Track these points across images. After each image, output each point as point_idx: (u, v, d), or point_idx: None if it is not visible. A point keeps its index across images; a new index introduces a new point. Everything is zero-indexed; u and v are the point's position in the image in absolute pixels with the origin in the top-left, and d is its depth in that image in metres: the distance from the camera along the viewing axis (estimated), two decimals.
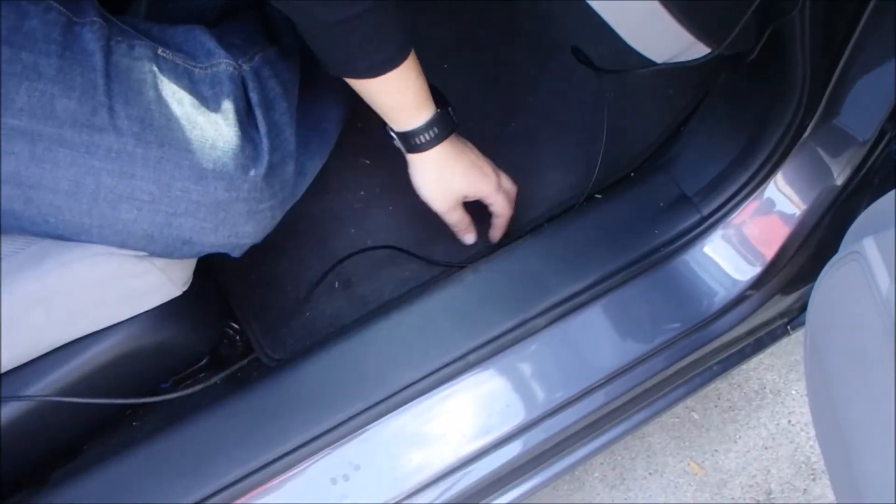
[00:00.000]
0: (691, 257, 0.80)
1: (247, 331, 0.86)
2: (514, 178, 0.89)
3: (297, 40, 0.83)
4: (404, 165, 0.93)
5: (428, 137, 0.77)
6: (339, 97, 0.88)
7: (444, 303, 0.77)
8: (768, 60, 0.73)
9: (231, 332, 0.86)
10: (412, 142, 0.77)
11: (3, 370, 0.69)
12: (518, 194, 0.90)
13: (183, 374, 0.83)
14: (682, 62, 0.72)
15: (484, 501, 0.85)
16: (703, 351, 0.82)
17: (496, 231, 0.85)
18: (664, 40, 0.67)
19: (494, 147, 0.93)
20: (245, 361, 0.82)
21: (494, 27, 1.00)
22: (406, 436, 0.75)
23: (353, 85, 0.73)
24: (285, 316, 0.87)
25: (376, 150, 0.94)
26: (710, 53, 0.69)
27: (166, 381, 0.82)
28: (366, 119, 0.95)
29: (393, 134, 0.79)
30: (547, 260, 0.79)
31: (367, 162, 0.93)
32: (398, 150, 0.87)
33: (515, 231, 0.89)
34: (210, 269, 0.84)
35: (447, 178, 0.79)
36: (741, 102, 0.81)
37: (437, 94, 0.79)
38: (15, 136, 0.61)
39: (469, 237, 0.86)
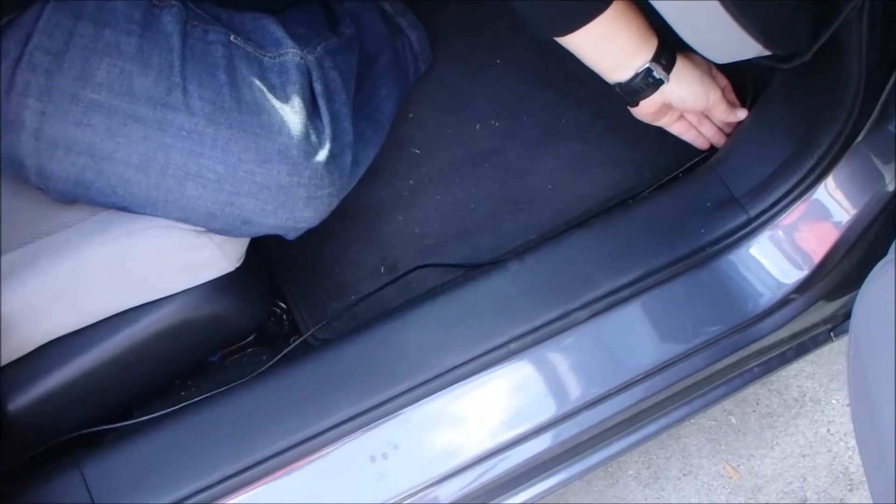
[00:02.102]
0: (737, 258, 0.81)
1: (294, 310, 0.89)
2: (562, 173, 0.91)
3: (356, 32, 0.85)
4: (453, 156, 0.95)
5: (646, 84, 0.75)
6: (392, 90, 0.90)
7: (488, 291, 0.78)
8: (824, 62, 0.73)
9: (278, 311, 0.89)
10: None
11: (65, 333, 0.72)
12: (565, 189, 0.91)
13: (231, 349, 0.86)
14: (737, 62, 0.72)
15: (517, 490, 0.87)
16: (744, 352, 0.83)
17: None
18: (722, 40, 0.68)
19: (544, 141, 0.94)
20: (301, 338, 0.84)
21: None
22: (445, 419, 0.76)
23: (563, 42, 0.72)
24: (331, 298, 0.89)
25: (426, 140, 0.96)
26: (765, 54, 0.69)
27: (215, 354, 0.85)
28: (417, 109, 0.97)
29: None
30: (592, 254, 0.80)
31: (417, 152, 0.95)
32: (447, 139, 0.89)
33: (562, 225, 0.90)
34: (261, 249, 0.87)
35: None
36: (794, 104, 0.81)
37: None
38: (93, 110, 0.65)
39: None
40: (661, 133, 0.86)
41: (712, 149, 0.88)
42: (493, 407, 0.77)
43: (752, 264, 0.81)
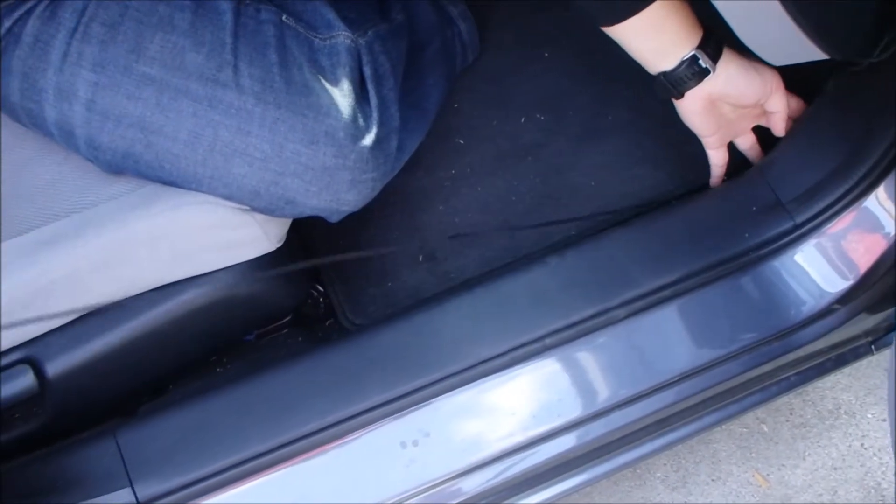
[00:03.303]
0: (780, 264, 0.79)
1: (330, 294, 0.89)
2: (605, 170, 0.90)
3: (406, 19, 0.85)
4: (496, 148, 0.94)
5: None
6: (439, 79, 0.90)
7: (526, 284, 0.78)
8: (880, 69, 0.72)
9: (315, 293, 0.89)
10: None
11: (105, 304, 0.73)
12: (608, 186, 0.90)
13: (267, 329, 0.87)
14: (792, 65, 0.71)
15: (543, 486, 0.86)
16: (782, 360, 0.81)
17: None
18: (781, 42, 0.66)
19: (589, 137, 0.94)
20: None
21: None
22: (476, 410, 0.76)
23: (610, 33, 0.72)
24: (368, 284, 0.89)
25: (470, 131, 0.95)
26: (824, 58, 0.68)
27: (251, 333, 0.86)
28: (462, 100, 0.96)
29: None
30: (633, 252, 0.79)
31: (461, 142, 0.95)
32: (491, 131, 0.89)
33: (602, 223, 0.89)
34: (301, 231, 0.87)
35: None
36: (848, 111, 0.79)
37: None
38: (144, 83, 0.65)
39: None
40: None
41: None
42: (524, 401, 0.77)
43: (796, 272, 0.79)
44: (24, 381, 0.72)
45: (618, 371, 0.77)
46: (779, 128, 0.80)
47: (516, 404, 0.77)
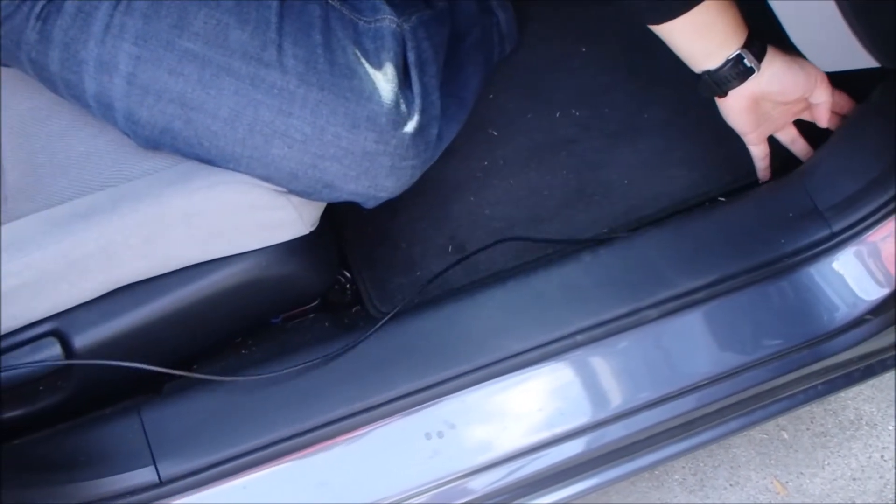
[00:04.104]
0: (815, 272, 0.78)
1: (358, 281, 0.88)
2: (639, 169, 0.89)
3: (448, 6, 0.84)
4: (530, 142, 0.93)
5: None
6: (478, 68, 0.89)
7: (559, 280, 0.77)
8: None
9: (343, 279, 0.88)
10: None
11: (136, 280, 0.73)
12: (641, 186, 0.89)
13: (293, 313, 0.86)
14: (841, 71, 0.70)
15: (563, 484, 0.86)
16: (811, 369, 0.81)
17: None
18: (832, 48, 0.65)
19: (624, 135, 0.93)
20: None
21: None
22: (503, 404, 0.76)
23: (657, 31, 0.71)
24: (396, 271, 0.89)
25: (504, 123, 0.94)
26: (874, 66, 0.67)
27: (277, 316, 0.85)
28: (498, 91, 0.96)
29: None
30: (667, 253, 0.78)
31: (495, 133, 0.94)
32: (526, 124, 0.88)
33: (634, 222, 0.88)
34: (332, 216, 0.87)
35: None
36: (891, 120, 0.78)
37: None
38: (187, 59, 0.65)
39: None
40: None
41: (794, 158, 0.86)
42: (551, 398, 0.76)
43: (830, 280, 0.79)
44: (51, 353, 0.71)
45: (646, 372, 0.76)
46: (823, 119, 0.79)
47: (543, 401, 0.76)
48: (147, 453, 0.72)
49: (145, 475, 0.71)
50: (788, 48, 0.69)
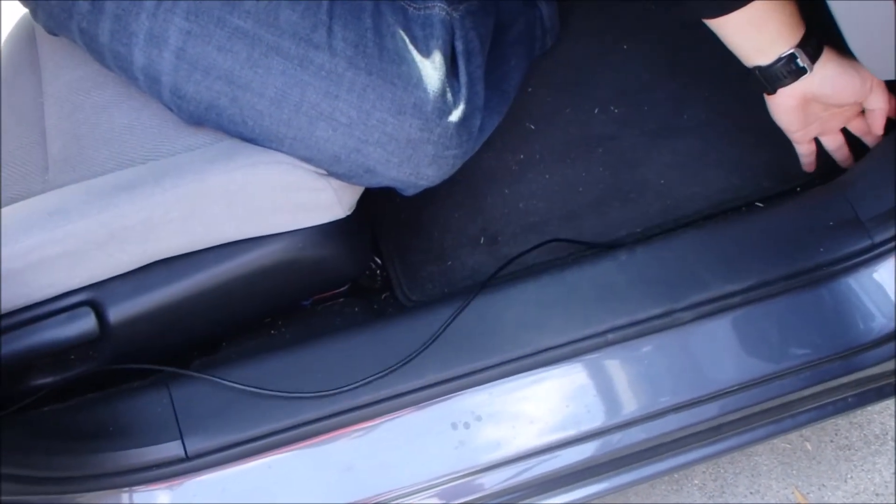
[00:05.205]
0: (854, 282, 0.78)
1: (388, 267, 0.88)
2: (676, 169, 0.88)
3: None
4: (567, 137, 0.93)
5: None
6: (520, 61, 0.88)
7: (593, 277, 0.77)
8: None
9: (374, 265, 0.88)
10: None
11: (173, 255, 0.73)
12: (678, 186, 0.89)
13: (324, 296, 0.86)
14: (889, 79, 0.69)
15: (583, 482, 0.85)
16: (844, 379, 0.80)
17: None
18: (891, 56, 0.64)
19: (662, 135, 0.92)
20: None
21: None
22: (531, 399, 0.75)
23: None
24: (427, 260, 0.88)
25: (542, 116, 0.94)
26: None
27: (308, 298, 0.85)
28: (537, 85, 0.95)
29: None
30: (704, 255, 0.77)
31: (532, 127, 0.94)
32: (563, 119, 0.87)
33: (669, 222, 0.88)
34: (365, 202, 0.86)
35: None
36: None
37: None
38: (237, 37, 0.65)
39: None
40: (784, 142, 0.83)
41: (835, 166, 0.85)
42: (581, 395, 0.76)
43: (868, 291, 0.78)
44: (86, 323, 0.72)
45: (678, 374, 0.76)
46: (878, 126, 0.77)
47: (571, 398, 0.76)
48: (175, 428, 0.72)
49: (172, 449, 0.71)
50: (848, 51, 0.68)
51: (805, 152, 0.82)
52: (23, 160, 0.75)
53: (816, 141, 0.82)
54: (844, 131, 0.81)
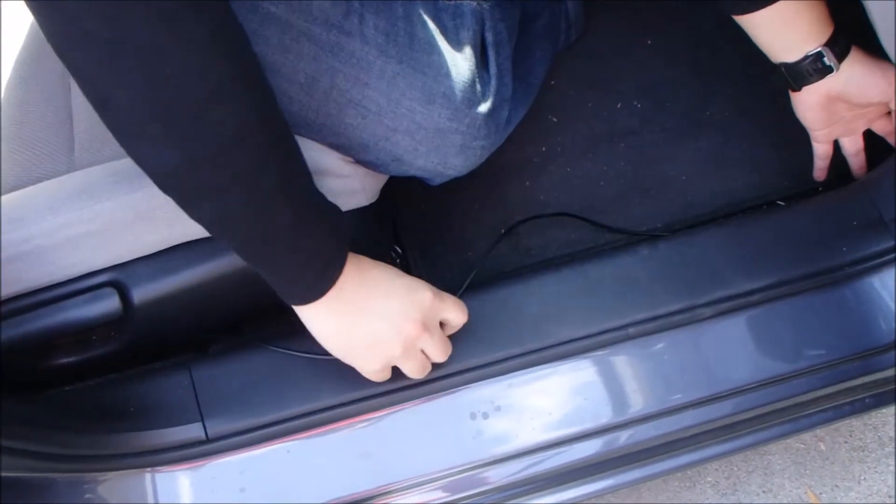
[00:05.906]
0: (876, 282, 0.77)
1: (409, 257, 0.88)
2: (698, 166, 0.88)
3: None
4: (589, 131, 0.93)
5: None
6: (545, 53, 0.88)
7: (614, 270, 0.77)
8: None
9: (394, 254, 0.88)
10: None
11: (197, 238, 0.73)
12: (699, 183, 0.88)
13: None
14: None
15: (598, 476, 0.86)
16: (863, 380, 0.80)
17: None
18: None
19: (684, 131, 0.92)
20: None
21: (707, 8, 0.98)
22: (551, 391, 0.75)
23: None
24: (447, 250, 0.89)
25: (564, 110, 0.94)
26: None
27: None
28: (560, 78, 0.95)
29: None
30: (726, 252, 0.77)
31: (554, 120, 0.94)
32: (586, 112, 0.86)
33: (690, 219, 0.88)
34: (388, 190, 0.87)
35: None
36: None
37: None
38: (269, 22, 0.65)
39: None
40: (805, 143, 0.83)
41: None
42: (599, 388, 0.76)
43: (891, 291, 0.77)
44: (109, 304, 0.72)
45: (695, 371, 0.76)
46: (854, 150, 0.78)
47: (589, 391, 0.76)
48: (195, 410, 0.72)
49: (192, 431, 0.72)
50: (877, 51, 0.68)
51: (822, 154, 0.81)
52: (50, 140, 0.75)
53: (835, 146, 0.82)
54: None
